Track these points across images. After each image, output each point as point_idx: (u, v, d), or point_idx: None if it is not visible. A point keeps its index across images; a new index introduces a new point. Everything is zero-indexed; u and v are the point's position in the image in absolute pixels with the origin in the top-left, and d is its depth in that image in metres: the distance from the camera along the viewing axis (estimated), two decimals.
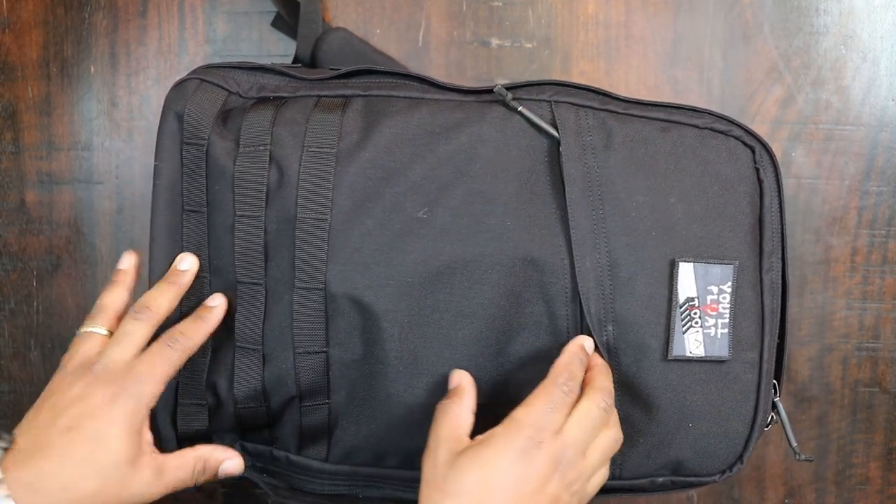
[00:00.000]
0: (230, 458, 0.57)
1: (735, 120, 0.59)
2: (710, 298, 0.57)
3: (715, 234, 0.57)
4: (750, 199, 0.58)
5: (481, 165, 0.56)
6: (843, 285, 0.70)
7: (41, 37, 0.71)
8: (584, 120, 0.58)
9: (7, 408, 0.74)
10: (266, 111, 0.58)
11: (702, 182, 0.57)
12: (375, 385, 0.58)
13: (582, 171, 0.57)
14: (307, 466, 0.60)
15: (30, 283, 0.73)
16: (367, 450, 0.59)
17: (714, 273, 0.57)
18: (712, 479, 0.59)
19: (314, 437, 0.60)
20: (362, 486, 0.60)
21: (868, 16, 0.68)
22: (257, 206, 0.57)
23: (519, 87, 0.59)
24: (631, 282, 0.56)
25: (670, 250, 0.57)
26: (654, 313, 0.56)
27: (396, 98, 0.59)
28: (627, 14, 0.68)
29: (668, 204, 0.57)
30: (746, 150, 0.58)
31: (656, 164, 0.57)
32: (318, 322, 0.57)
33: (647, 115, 0.59)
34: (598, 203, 0.57)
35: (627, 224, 0.56)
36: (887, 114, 0.68)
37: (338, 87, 0.60)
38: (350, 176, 0.56)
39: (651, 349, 0.57)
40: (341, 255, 0.56)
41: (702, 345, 0.57)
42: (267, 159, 0.57)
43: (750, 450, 0.59)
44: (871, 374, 0.71)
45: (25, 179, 0.72)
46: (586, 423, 0.52)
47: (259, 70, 0.60)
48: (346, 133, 0.57)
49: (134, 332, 0.54)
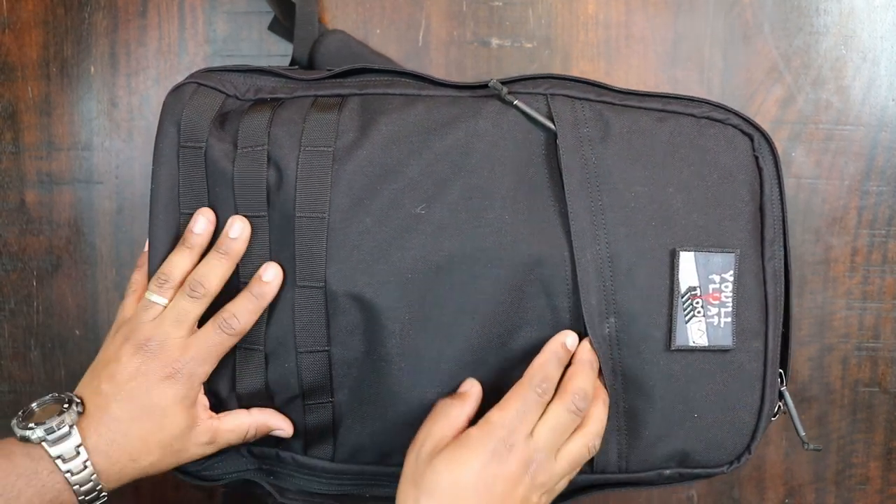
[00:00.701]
0: (281, 429, 0.59)
1: (732, 108, 0.59)
2: (712, 287, 0.57)
3: (715, 223, 0.57)
4: (749, 187, 0.58)
5: (478, 160, 0.57)
6: (843, 285, 0.70)
7: (41, 37, 0.71)
8: (580, 112, 0.58)
9: (7, 408, 0.74)
10: (263, 112, 0.58)
11: (700, 171, 0.57)
12: (378, 382, 0.58)
13: (580, 162, 0.57)
14: (314, 467, 0.60)
15: (30, 283, 0.73)
16: (372, 448, 0.59)
17: (715, 262, 0.57)
18: (720, 469, 0.59)
19: (320, 436, 0.60)
20: (369, 486, 0.60)
21: (868, 16, 0.68)
22: (259, 206, 0.57)
23: (515, 81, 0.59)
24: (631, 273, 0.56)
25: (670, 240, 0.57)
26: (655, 304, 0.57)
27: (392, 96, 0.59)
28: (627, 14, 0.68)
29: (667, 193, 0.57)
30: (745, 138, 0.58)
31: (654, 154, 0.57)
32: (319, 320, 0.57)
33: (643, 105, 0.59)
34: (596, 194, 0.57)
35: (626, 215, 0.56)
36: (887, 114, 0.68)
37: (334, 87, 0.60)
38: (347, 174, 0.56)
39: (654, 340, 0.57)
40: (340, 253, 0.56)
41: (705, 334, 0.57)
42: (265, 159, 0.57)
43: (758, 439, 0.59)
44: (871, 374, 0.71)
45: (25, 179, 0.72)
46: (556, 427, 0.53)
47: (256, 72, 0.60)
48: (343, 132, 0.57)
49: (189, 311, 0.56)
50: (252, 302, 0.56)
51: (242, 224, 0.57)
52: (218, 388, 0.58)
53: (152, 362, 0.55)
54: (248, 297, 0.56)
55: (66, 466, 0.52)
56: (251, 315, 0.56)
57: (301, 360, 0.57)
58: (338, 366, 0.58)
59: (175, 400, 0.55)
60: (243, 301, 0.56)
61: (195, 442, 0.57)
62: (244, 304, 0.56)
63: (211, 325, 0.56)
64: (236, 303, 0.57)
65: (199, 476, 0.61)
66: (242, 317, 0.56)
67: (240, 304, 0.56)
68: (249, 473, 0.61)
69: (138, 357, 0.55)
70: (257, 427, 0.58)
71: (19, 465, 0.51)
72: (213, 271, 0.56)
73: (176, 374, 0.55)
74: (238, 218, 0.57)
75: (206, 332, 0.56)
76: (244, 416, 0.58)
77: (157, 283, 0.57)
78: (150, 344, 0.55)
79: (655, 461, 0.59)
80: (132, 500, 0.74)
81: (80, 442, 0.52)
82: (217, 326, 0.56)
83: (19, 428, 0.52)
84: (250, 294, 0.57)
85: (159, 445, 0.55)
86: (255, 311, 0.57)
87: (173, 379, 0.55)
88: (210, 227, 0.57)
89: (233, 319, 0.56)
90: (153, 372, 0.55)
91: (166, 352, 0.55)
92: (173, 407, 0.55)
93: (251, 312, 0.56)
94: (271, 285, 0.57)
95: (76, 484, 0.52)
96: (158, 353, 0.55)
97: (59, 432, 0.52)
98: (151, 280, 0.57)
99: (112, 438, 0.53)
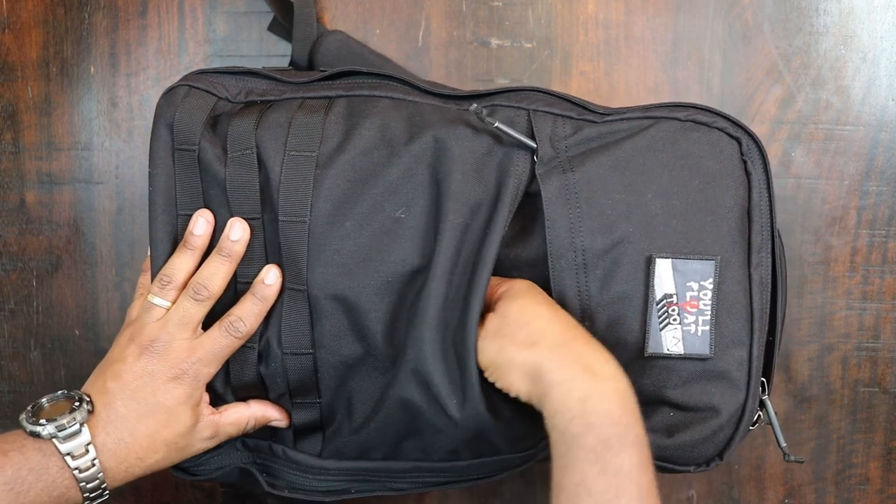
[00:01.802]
0: (278, 420, 0.60)
1: (719, 111, 0.58)
2: (690, 295, 0.56)
3: (696, 230, 0.56)
4: (734, 193, 0.57)
5: (457, 165, 0.56)
6: (842, 285, 0.70)
7: (41, 37, 0.71)
8: (560, 128, 0.58)
9: (7, 408, 0.74)
10: (250, 115, 0.58)
11: (681, 176, 0.56)
12: (364, 383, 0.58)
13: (558, 171, 0.56)
14: (302, 462, 0.60)
15: (30, 283, 0.73)
16: (358, 445, 0.59)
17: (694, 269, 0.56)
18: (686, 469, 0.59)
19: (309, 432, 0.61)
20: (355, 481, 0.61)
21: (868, 16, 0.68)
22: (253, 209, 0.57)
23: (499, 93, 0.59)
24: (607, 280, 0.56)
25: (647, 246, 0.56)
26: (630, 311, 0.56)
27: (378, 98, 0.59)
28: (627, 14, 0.68)
29: (646, 200, 0.56)
30: (732, 141, 0.57)
31: (633, 160, 0.56)
32: (304, 324, 0.58)
33: (624, 116, 0.58)
34: (574, 203, 0.56)
35: (604, 223, 0.56)
36: (887, 114, 0.68)
37: (322, 89, 0.60)
38: (329, 179, 0.57)
39: (628, 346, 0.56)
40: (322, 257, 0.56)
41: (681, 342, 0.56)
42: (255, 163, 0.57)
43: (732, 448, 0.58)
44: (871, 374, 0.71)
45: (25, 179, 0.72)
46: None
47: (247, 74, 0.60)
48: (328, 136, 0.58)
49: (194, 314, 0.57)
50: (257, 305, 0.57)
51: (242, 226, 0.57)
52: (215, 383, 0.59)
53: (158, 363, 0.56)
54: (253, 301, 0.57)
55: (75, 464, 0.52)
56: (257, 318, 0.57)
57: (287, 361, 0.58)
58: (324, 369, 0.58)
59: (181, 400, 0.56)
60: (248, 304, 0.57)
61: (199, 437, 0.58)
62: (249, 308, 0.57)
63: (217, 328, 0.57)
64: (241, 306, 0.57)
65: (194, 472, 0.61)
66: (248, 320, 0.57)
67: (245, 307, 0.57)
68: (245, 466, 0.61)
69: (144, 358, 0.56)
70: (256, 419, 0.59)
71: (31, 459, 0.52)
72: (217, 273, 0.57)
73: (182, 376, 0.56)
74: (238, 220, 0.57)
75: (213, 334, 0.57)
76: (243, 408, 0.59)
77: (160, 284, 0.57)
78: (155, 345, 0.56)
79: None
80: (132, 499, 0.74)
81: (90, 440, 0.53)
82: (224, 330, 0.57)
83: (29, 423, 0.53)
84: (254, 297, 0.57)
85: (165, 443, 0.56)
86: (260, 314, 0.57)
87: (179, 380, 0.56)
88: (209, 227, 0.58)
89: (239, 323, 0.57)
90: (159, 373, 0.56)
91: (172, 353, 0.56)
92: (179, 406, 0.56)
93: (256, 315, 0.57)
94: (273, 288, 0.57)
95: (83, 481, 0.52)
96: (164, 355, 0.56)
97: (70, 430, 0.52)
98: (153, 282, 0.58)
99: (120, 437, 0.54)
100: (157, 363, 0.56)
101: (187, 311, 0.56)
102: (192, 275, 0.57)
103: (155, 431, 0.55)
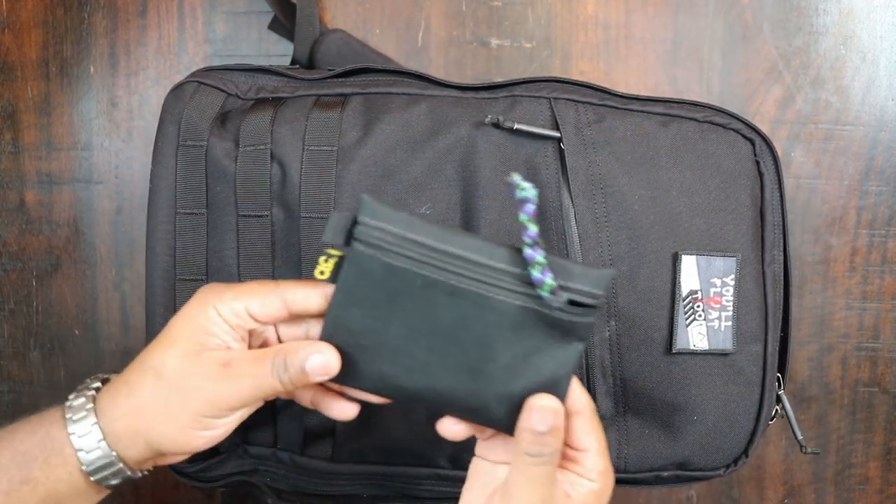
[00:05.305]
0: (317, 352, 0.46)
1: (734, 113, 0.59)
2: (714, 291, 0.57)
3: (717, 227, 0.57)
4: (751, 192, 0.58)
5: (481, 159, 0.56)
6: (842, 285, 0.70)
7: (41, 37, 0.71)
8: (583, 115, 0.58)
9: (7, 408, 0.74)
10: (265, 111, 0.58)
11: (703, 175, 0.58)
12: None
13: (584, 165, 0.57)
14: (312, 467, 0.60)
15: (29, 283, 0.73)
16: (372, 448, 0.59)
17: (717, 266, 0.57)
18: (717, 473, 0.59)
19: (319, 436, 0.60)
20: (368, 485, 0.60)
21: (868, 16, 0.68)
22: (262, 205, 0.57)
23: (517, 83, 0.59)
24: (633, 276, 0.56)
25: (673, 243, 0.57)
26: (656, 307, 0.57)
27: (395, 95, 0.59)
28: (627, 14, 0.68)
29: (670, 197, 0.57)
30: (746, 142, 0.59)
31: (657, 158, 0.57)
32: None
33: (646, 109, 0.59)
34: (600, 198, 0.57)
35: (630, 218, 0.57)
36: (887, 114, 0.68)
37: (336, 86, 0.60)
38: (351, 174, 0.56)
39: (654, 343, 0.57)
40: None
41: (705, 338, 0.57)
42: (268, 157, 0.57)
43: (755, 443, 0.59)
44: (871, 374, 0.71)
45: (25, 179, 0.72)
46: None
47: (257, 71, 0.60)
48: (346, 131, 0.57)
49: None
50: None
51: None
52: None
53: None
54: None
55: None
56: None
57: None
58: None
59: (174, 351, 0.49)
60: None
61: (203, 375, 0.48)
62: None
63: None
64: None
65: (199, 478, 0.60)
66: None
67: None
68: (247, 475, 0.61)
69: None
70: (286, 354, 0.47)
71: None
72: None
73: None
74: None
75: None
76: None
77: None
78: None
79: (655, 463, 0.59)
80: (132, 500, 0.74)
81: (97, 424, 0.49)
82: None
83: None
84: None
85: (171, 420, 0.48)
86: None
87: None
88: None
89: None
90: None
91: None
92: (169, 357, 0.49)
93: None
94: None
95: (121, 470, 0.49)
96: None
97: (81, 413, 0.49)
98: None
99: (131, 424, 0.49)
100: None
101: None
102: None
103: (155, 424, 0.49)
